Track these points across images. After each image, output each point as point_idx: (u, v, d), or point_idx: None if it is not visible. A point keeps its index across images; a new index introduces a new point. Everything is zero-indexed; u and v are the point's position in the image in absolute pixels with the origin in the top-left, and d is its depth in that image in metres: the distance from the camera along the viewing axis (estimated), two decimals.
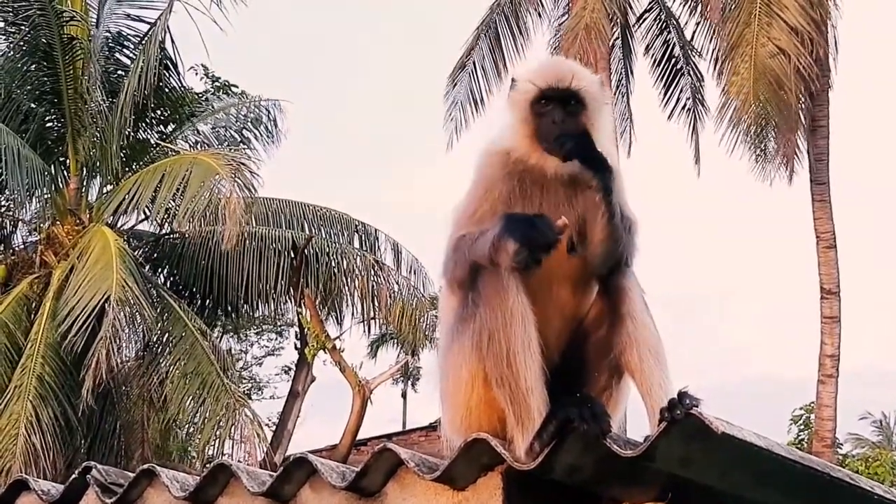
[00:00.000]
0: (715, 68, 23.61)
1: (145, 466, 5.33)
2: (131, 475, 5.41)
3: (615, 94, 25.98)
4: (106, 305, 19.23)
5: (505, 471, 4.34)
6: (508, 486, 4.35)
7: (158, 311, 21.96)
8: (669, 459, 4.15)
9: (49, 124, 23.53)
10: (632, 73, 26.90)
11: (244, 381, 37.01)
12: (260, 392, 39.38)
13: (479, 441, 4.29)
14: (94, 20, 23.58)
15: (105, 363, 18.73)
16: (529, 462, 4.22)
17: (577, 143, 4.65)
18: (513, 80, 5.12)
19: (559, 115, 4.81)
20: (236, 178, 20.51)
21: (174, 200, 21.62)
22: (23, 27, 22.77)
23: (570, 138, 4.65)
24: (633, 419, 4.95)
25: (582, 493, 4.44)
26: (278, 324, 36.08)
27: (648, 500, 4.53)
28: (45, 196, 22.52)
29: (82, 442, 20.95)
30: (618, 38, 26.03)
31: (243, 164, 21.57)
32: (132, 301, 19.76)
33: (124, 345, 20.89)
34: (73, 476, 5.55)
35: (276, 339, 38.41)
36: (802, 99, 22.42)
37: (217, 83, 27.87)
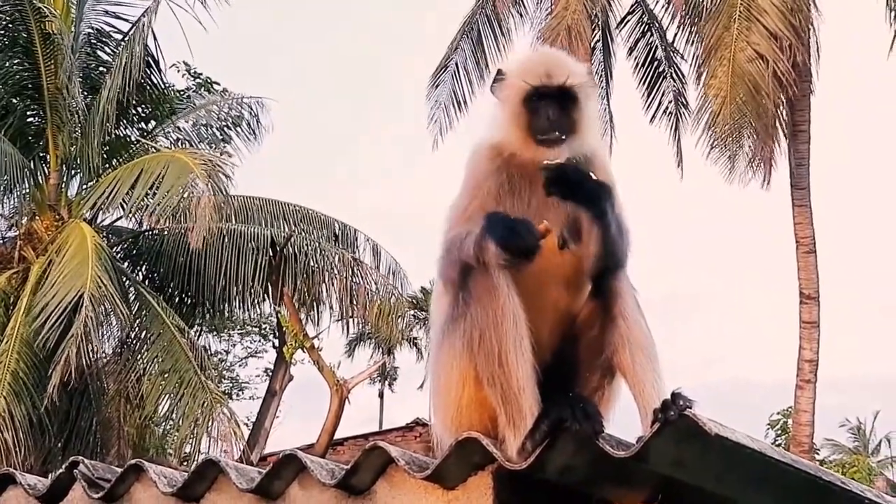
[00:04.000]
0: (695, 71, 23.68)
1: (133, 462, 5.29)
2: (119, 470, 5.38)
3: None
4: (80, 302, 19.17)
5: (495, 470, 4.32)
6: (499, 486, 4.33)
7: (136, 307, 21.94)
8: (662, 460, 4.15)
9: (29, 119, 23.48)
10: (612, 75, 26.93)
11: (225, 380, 37.00)
12: (241, 392, 39.37)
13: (471, 440, 4.27)
14: (76, 15, 23.50)
15: (74, 360, 18.66)
16: (521, 462, 4.20)
17: (562, 178, 4.63)
18: (500, 72, 5.07)
19: (553, 113, 4.79)
20: (211, 178, 20.48)
21: (150, 198, 21.59)
22: (2, 21, 22.72)
23: (555, 172, 4.62)
24: (619, 419, 4.94)
25: (573, 494, 4.42)
26: (263, 326, 36.07)
27: (640, 501, 4.52)
28: (25, 191, 22.47)
29: (57, 438, 20.89)
30: (598, 40, 26.06)
31: (219, 166, 21.52)
32: (107, 298, 19.70)
33: (100, 341, 20.82)
34: (60, 471, 5.53)
35: (260, 341, 38.39)
36: (782, 104, 22.47)
37: (199, 80, 27.85)
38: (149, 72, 23.57)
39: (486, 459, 4.32)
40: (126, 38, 23.40)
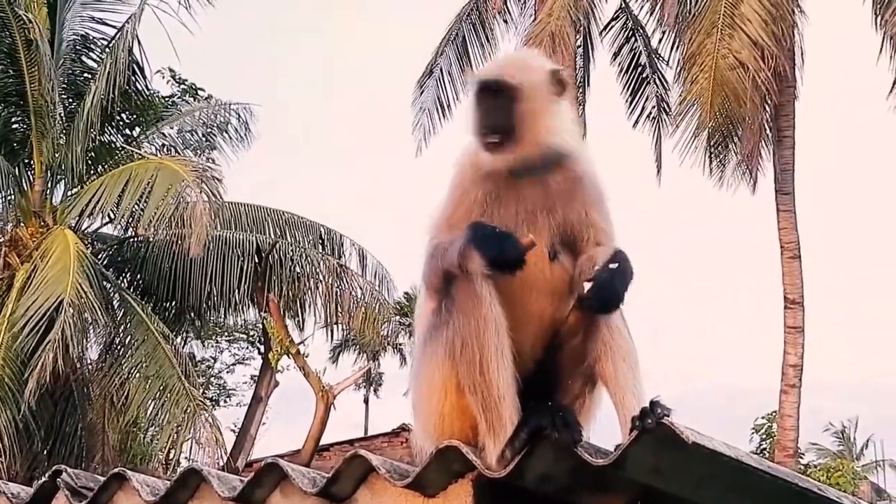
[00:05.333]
0: (679, 76, 23.68)
1: (116, 470, 5.30)
2: (101, 479, 5.40)
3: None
4: (60, 308, 19.16)
5: (475, 478, 4.34)
6: (478, 494, 4.34)
7: (121, 314, 21.92)
8: (640, 468, 4.16)
9: (14, 126, 23.44)
10: (589, 82, 26.93)
11: (212, 387, 36.98)
12: (228, 399, 39.35)
13: (451, 448, 4.29)
14: (59, 22, 23.44)
15: (52, 365, 18.63)
16: (500, 470, 4.21)
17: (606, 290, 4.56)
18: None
19: (488, 106, 4.82)
20: (202, 185, 20.48)
21: (138, 205, 21.56)
22: None
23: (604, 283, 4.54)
24: (600, 427, 4.96)
25: (552, 502, 4.44)
26: (250, 333, 36.04)
27: None
28: (10, 198, 22.45)
29: (44, 444, 20.87)
30: (580, 45, 26.07)
31: (209, 168, 21.53)
32: (87, 304, 19.66)
33: (83, 347, 20.78)
34: (43, 479, 5.54)
35: (248, 348, 38.36)
36: (768, 109, 22.48)
37: (184, 86, 27.85)
38: (134, 78, 23.55)
39: (466, 467, 4.34)
40: (111, 45, 23.38)
